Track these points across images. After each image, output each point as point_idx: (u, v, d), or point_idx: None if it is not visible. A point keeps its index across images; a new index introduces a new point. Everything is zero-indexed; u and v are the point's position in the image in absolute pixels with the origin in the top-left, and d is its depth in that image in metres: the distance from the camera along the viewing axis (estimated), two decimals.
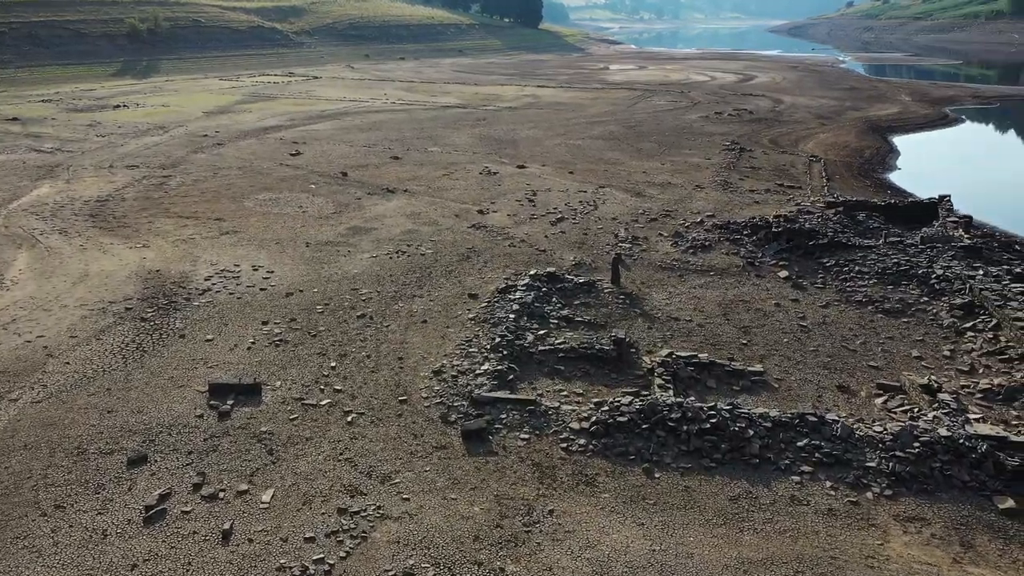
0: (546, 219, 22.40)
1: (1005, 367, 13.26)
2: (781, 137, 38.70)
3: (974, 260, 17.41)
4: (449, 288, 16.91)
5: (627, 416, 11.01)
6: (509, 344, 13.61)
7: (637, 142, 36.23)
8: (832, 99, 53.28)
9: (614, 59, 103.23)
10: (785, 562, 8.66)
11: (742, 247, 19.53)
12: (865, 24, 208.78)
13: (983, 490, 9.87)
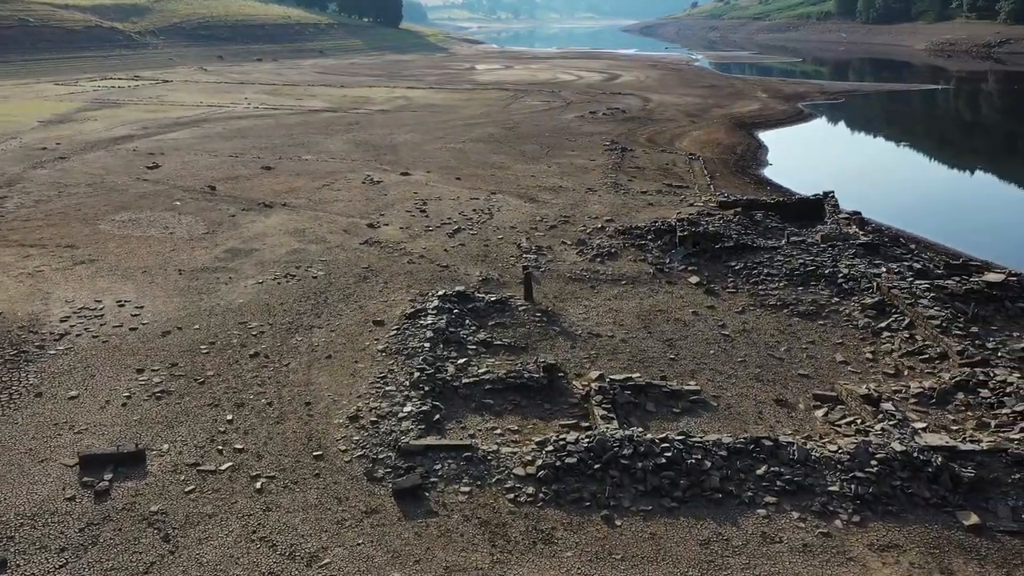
0: (442, 231, 21.15)
1: (928, 367, 13.28)
2: (657, 135, 39.14)
3: (874, 257, 17.67)
4: (350, 315, 15.38)
5: (576, 456, 10.02)
6: (430, 378, 12.34)
7: (519, 144, 35.53)
8: (697, 97, 54.79)
9: (479, 59, 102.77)
10: None
11: (649, 253, 19.06)
12: (710, 24, 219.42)
13: (945, 506, 9.56)
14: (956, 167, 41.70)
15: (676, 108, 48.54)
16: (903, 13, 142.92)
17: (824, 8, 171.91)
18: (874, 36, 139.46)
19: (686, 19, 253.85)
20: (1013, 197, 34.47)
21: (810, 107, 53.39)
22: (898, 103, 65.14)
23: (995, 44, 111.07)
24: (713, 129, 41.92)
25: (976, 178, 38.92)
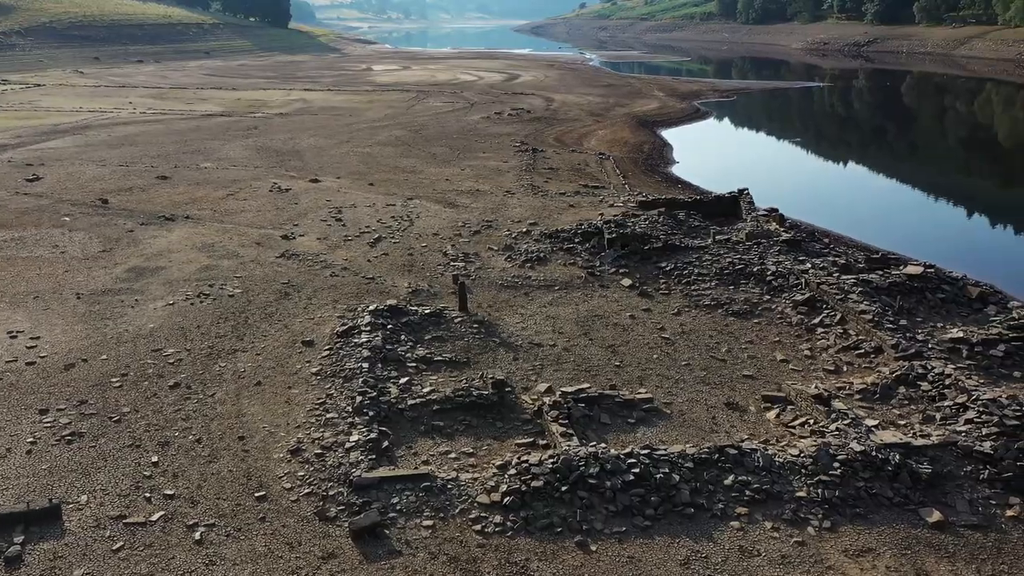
0: (362, 240, 20.27)
1: (865, 362, 13.53)
2: (565, 135, 39.21)
3: (798, 253, 18.01)
4: (275, 336, 14.39)
5: (541, 479, 9.55)
6: (373, 402, 11.60)
7: (428, 147, 34.80)
8: (598, 96, 55.39)
9: (375, 59, 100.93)
10: None
11: (578, 257, 18.81)
12: (599, 24, 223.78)
13: (908, 504, 9.63)
14: (848, 162, 43.70)
15: (579, 108, 48.85)
16: (779, 14, 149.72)
17: (706, 9, 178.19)
18: (754, 36, 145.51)
19: (575, 19, 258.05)
20: (904, 190, 36.29)
21: (706, 105, 54.87)
22: (786, 100, 68.00)
23: (864, 43, 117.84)
24: (618, 128, 42.36)
25: (867, 172, 40.86)
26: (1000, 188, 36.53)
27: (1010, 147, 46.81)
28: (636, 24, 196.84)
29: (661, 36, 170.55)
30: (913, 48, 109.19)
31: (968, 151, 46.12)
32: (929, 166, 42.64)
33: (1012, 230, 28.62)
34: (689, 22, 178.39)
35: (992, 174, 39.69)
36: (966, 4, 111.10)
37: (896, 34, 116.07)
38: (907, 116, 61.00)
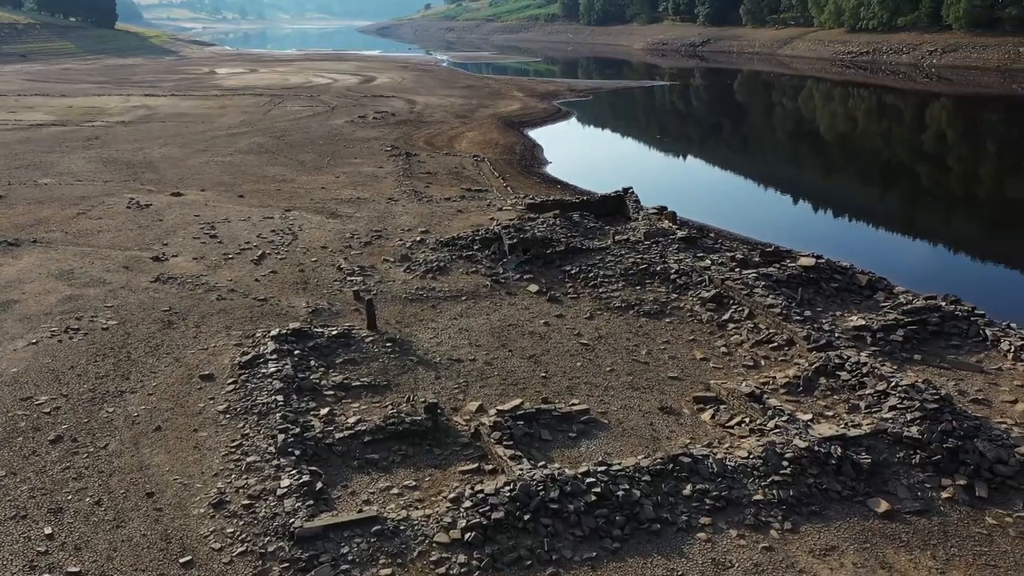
0: (244, 258, 18.79)
1: (780, 356, 13.85)
2: (434, 138, 38.55)
3: (696, 250, 18.34)
4: (167, 371, 12.93)
5: (501, 510, 8.97)
6: (297, 439, 10.58)
7: (294, 154, 33.13)
8: (459, 98, 55.00)
9: (217, 62, 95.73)
10: None
11: (480, 264, 18.29)
12: (446, 25, 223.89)
13: (856, 496, 9.83)
14: (701, 157, 45.71)
15: (444, 110, 48.26)
16: (619, 16, 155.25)
17: (550, 11, 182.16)
18: (597, 37, 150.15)
19: (422, 20, 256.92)
20: (756, 181, 38.24)
21: (565, 105, 55.75)
22: (638, 98, 70.46)
23: (699, 44, 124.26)
24: (486, 129, 42.15)
25: (717, 164, 42.76)
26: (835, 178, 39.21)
27: (832, 139, 50.37)
28: (483, 25, 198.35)
29: (508, 37, 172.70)
30: (743, 48, 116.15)
31: (801, 143, 49.22)
32: (776, 160, 45.28)
33: (843, 213, 30.69)
34: (534, 23, 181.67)
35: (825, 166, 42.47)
36: (786, 7, 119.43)
37: (727, 35, 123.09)
38: (748, 112, 64.64)
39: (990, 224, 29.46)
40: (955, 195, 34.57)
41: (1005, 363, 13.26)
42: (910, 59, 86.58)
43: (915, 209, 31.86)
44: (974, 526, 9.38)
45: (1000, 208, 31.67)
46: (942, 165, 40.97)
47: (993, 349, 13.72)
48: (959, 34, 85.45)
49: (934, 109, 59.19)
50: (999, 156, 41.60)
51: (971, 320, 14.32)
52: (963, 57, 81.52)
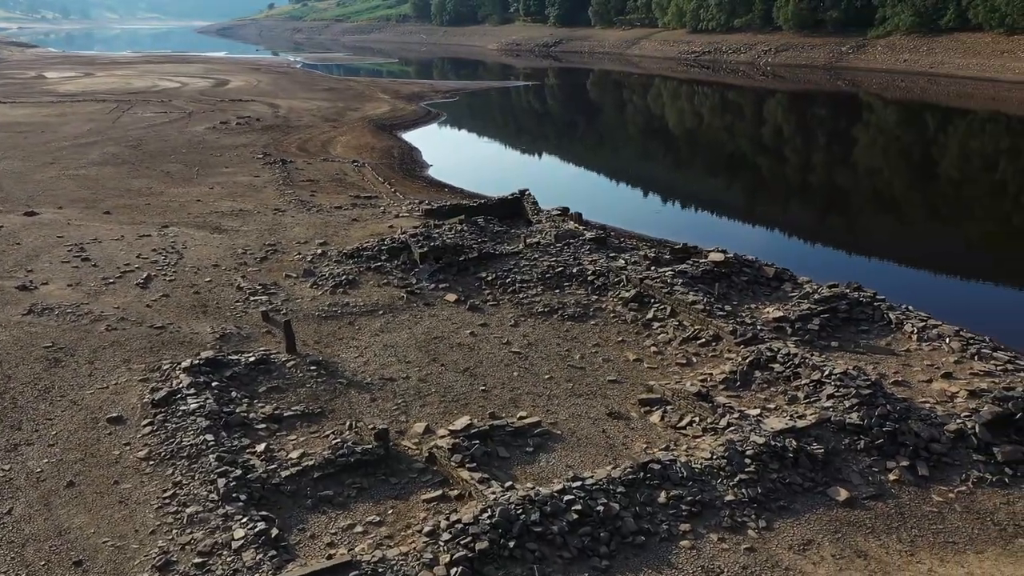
0: (127, 282, 17.13)
1: (710, 351, 14.11)
2: (306, 143, 37.08)
3: (607, 251, 18.45)
4: (66, 417, 11.49)
5: (485, 539, 8.51)
6: (240, 482, 9.63)
7: (157, 164, 30.81)
8: (324, 101, 53.23)
9: (45, 65, 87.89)
10: None
11: (391, 275, 17.57)
12: (293, 26, 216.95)
13: (816, 487, 10.09)
14: (574, 156, 46.51)
15: (311, 114, 46.50)
16: (471, 16, 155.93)
17: (401, 11, 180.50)
18: (451, 37, 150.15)
19: (266, 20, 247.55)
20: (632, 180, 39.29)
21: (433, 106, 55.16)
22: (503, 99, 70.88)
23: (551, 44, 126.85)
24: (358, 133, 40.97)
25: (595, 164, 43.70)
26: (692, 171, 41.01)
27: (681, 134, 52.71)
28: (332, 26, 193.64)
29: (360, 38, 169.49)
30: (594, 48, 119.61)
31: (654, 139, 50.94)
32: (636, 155, 46.61)
33: (697, 203, 32.27)
34: (386, 24, 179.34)
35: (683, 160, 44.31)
36: (631, 9, 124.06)
37: (577, 35, 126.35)
38: (606, 111, 66.22)
39: (823, 207, 31.79)
40: (792, 183, 36.97)
41: (911, 344, 14.11)
42: (748, 58, 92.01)
43: (758, 196, 34.03)
44: (925, 505, 9.85)
45: (829, 195, 34.00)
46: (780, 156, 43.75)
47: (898, 331, 14.58)
48: (789, 35, 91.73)
49: (771, 105, 63.20)
50: (828, 147, 44.93)
51: (875, 305, 15.17)
52: (794, 56, 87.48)
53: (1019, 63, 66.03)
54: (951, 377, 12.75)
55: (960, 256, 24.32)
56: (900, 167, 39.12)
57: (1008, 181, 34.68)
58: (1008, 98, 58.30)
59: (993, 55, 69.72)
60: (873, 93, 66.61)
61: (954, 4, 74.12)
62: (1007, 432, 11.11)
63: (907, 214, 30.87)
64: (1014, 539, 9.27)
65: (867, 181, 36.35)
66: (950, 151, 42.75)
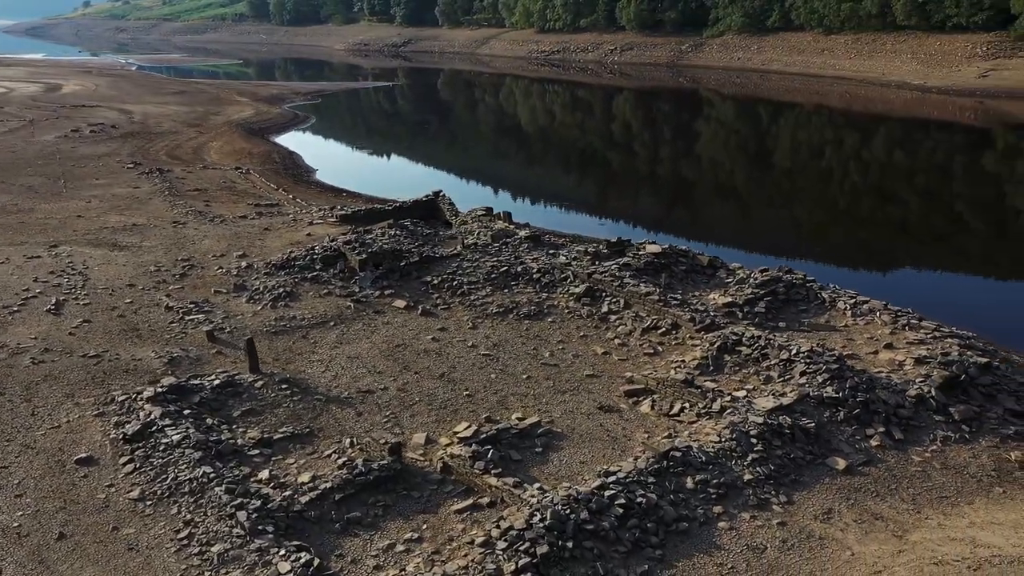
0: (34, 308, 15.47)
1: (673, 339, 14.59)
2: (175, 150, 34.89)
3: (545, 248, 18.61)
4: (25, 463, 10.26)
5: (544, 543, 8.44)
6: (262, 513, 9.00)
7: (12, 178, 28.01)
8: (178, 105, 50.16)
9: None
10: None
11: (330, 285, 16.90)
12: (115, 25, 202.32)
13: (817, 460, 10.73)
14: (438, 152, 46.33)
15: (169, 119, 43.65)
16: (314, 16, 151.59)
17: (237, 10, 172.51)
18: (294, 37, 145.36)
19: (83, 19, 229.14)
20: (507, 177, 39.49)
21: (299, 109, 53.31)
22: (366, 99, 69.48)
23: (400, 44, 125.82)
24: (228, 138, 38.95)
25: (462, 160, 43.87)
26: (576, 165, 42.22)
27: (534, 131, 53.82)
28: (160, 25, 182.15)
29: (193, 38, 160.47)
30: (444, 48, 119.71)
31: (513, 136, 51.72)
32: (504, 153, 47.16)
33: (556, 194, 33.32)
34: (221, 23, 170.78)
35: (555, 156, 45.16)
36: (478, 9, 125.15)
37: (426, 35, 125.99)
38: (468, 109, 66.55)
39: (671, 197, 33.62)
40: (641, 175, 38.56)
41: (847, 320, 15.23)
42: (595, 57, 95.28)
43: (609, 189, 35.34)
44: (910, 466, 10.72)
45: (675, 185, 35.94)
46: (629, 150, 45.65)
47: (832, 309, 15.70)
48: (632, 34, 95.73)
49: (619, 102, 65.96)
50: (673, 141, 47.43)
51: (807, 286, 16.25)
52: (639, 55, 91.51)
53: (837, 60, 72.29)
54: (893, 348, 13.89)
55: (790, 235, 26.58)
56: (739, 158, 41.80)
57: (833, 168, 37.89)
58: (830, 92, 63.73)
59: (815, 53, 75.96)
60: (712, 89, 70.87)
61: (779, 5, 79.98)
62: (956, 393, 12.29)
63: (747, 199, 33.07)
64: (991, 488, 10.28)
65: (710, 171, 38.75)
66: (782, 142, 46.21)
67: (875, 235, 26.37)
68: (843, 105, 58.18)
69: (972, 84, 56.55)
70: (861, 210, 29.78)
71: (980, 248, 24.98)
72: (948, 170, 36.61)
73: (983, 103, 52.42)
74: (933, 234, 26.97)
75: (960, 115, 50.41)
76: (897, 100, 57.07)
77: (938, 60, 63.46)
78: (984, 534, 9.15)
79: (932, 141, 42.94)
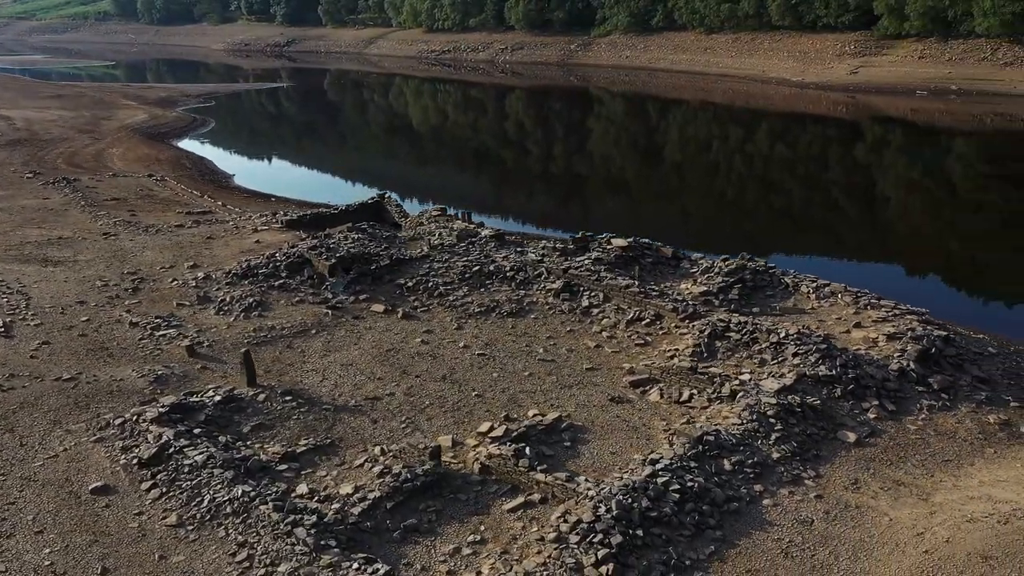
0: None
1: (659, 329, 14.98)
2: (73, 158, 32.82)
3: (512, 246, 18.66)
4: (30, 498, 9.44)
5: (616, 533, 8.56)
6: (320, 528, 8.68)
7: None
8: (61, 109, 47.01)
9: None
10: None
11: (300, 292, 16.37)
12: None
13: (828, 434, 11.33)
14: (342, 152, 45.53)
15: (57, 124, 40.82)
16: (186, 15, 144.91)
17: (99, 8, 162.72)
18: (167, 37, 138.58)
19: None
20: (407, 177, 39.16)
21: (192, 112, 51.00)
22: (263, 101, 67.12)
23: (284, 44, 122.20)
24: (130, 144, 36.85)
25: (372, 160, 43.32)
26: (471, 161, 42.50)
27: (425, 130, 53.58)
28: (13, 24, 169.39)
29: (53, 38, 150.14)
30: (330, 48, 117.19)
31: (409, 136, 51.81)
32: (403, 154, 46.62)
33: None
34: (83, 23, 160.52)
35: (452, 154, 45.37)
36: (363, 8, 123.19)
37: (311, 35, 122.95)
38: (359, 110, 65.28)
39: (565, 192, 34.14)
40: (534, 171, 39.04)
41: (813, 303, 16.11)
42: (487, 56, 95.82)
43: (503, 186, 35.95)
44: (908, 434, 11.49)
45: (569, 181, 36.64)
46: (523, 148, 46.10)
47: (796, 293, 16.54)
48: (521, 34, 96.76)
49: (512, 100, 66.69)
50: (566, 138, 48.37)
51: (771, 273, 17.04)
52: (530, 54, 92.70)
53: (720, 58, 75.68)
54: (862, 326, 14.81)
55: (679, 225, 28.06)
56: (630, 153, 43.14)
57: (720, 161, 39.81)
58: (714, 89, 66.67)
59: (699, 52, 79.22)
60: (601, 87, 72.71)
61: (662, 6, 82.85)
62: (929, 365, 13.25)
63: (637, 193, 34.25)
64: (983, 450, 11.18)
65: (602, 166, 39.74)
66: (671, 137, 48.04)
67: (760, 222, 27.83)
68: (727, 101, 60.94)
69: (844, 80, 60.58)
70: (746, 200, 31.43)
71: (853, 232, 26.66)
72: (824, 161, 39.11)
73: (854, 98, 56.14)
74: (811, 220, 28.74)
75: (834, 109, 53.83)
76: (777, 96, 60.28)
77: (812, 58, 67.54)
78: (997, 491, 9.96)
79: (809, 134, 45.69)
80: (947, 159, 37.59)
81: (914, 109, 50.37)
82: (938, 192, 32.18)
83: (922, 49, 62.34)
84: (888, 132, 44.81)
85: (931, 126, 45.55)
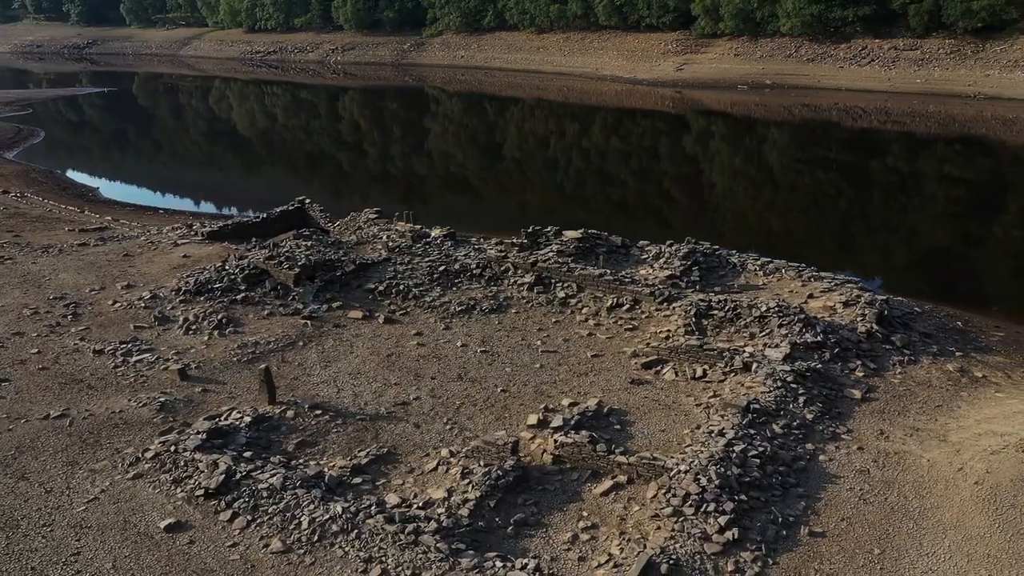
0: None
1: (641, 313, 15.55)
2: None
3: (472, 245, 18.59)
4: (93, 547, 8.46)
5: (727, 501, 9.04)
6: (443, 533, 8.47)
7: None
8: None
9: None
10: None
11: (267, 304, 15.47)
12: None
13: (840, 393, 12.41)
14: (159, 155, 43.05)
15: None
16: None
17: None
18: None
19: None
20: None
21: (12, 121, 45.92)
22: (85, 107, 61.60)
23: (84, 45, 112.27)
24: None
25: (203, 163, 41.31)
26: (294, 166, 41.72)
27: (253, 135, 51.92)
28: None
29: None
30: (139, 50, 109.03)
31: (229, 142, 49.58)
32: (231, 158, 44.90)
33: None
34: None
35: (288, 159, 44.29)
36: (173, 7, 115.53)
37: (115, 36, 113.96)
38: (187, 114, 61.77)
39: (404, 191, 34.41)
40: (372, 172, 39.26)
41: (762, 279, 17.39)
42: (317, 56, 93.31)
43: (341, 188, 35.64)
44: (897, 387, 12.83)
45: (407, 180, 37.14)
46: (359, 149, 45.95)
47: (745, 271, 17.75)
48: (351, 34, 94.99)
49: (345, 101, 65.73)
50: (404, 138, 48.61)
51: (718, 255, 18.19)
52: (362, 54, 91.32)
53: (553, 57, 78.42)
54: (815, 296, 16.22)
55: (517, 216, 28.45)
56: (470, 150, 44.07)
57: (558, 156, 41.67)
58: (549, 87, 69.04)
59: (532, 51, 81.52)
60: (437, 87, 73.20)
61: (492, 6, 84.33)
62: (885, 325, 14.83)
63: (479, 187, 35.44)
64: (958, 394, 12.71)
65: (441, 163, 40.48)
66: (509, 133, 49.53)
67: (600, 211, 29.42)
68: (561, 98, 63.36)
69: (672, 77, 64.88)
70: (586, 190, 33.21)
71: (681, 215, 29.08)
72: (655, 151, 41.97)
73: (680, 93, 60.27)
74: (645, 206, 31.01)
75: (662, 104, 57.57)
76: (609, 92, 63.45)
77: (639, 56, 71.59)
78: (996, 426, 11.42)
79: (640, 127, 48.69)
80: (763, 146, 41.44)
81: (734, 103, 54.88)
82: (757, 176, 35.49)
83: (736, 47, 67.86)
84: (711, 123, 48.58)
85: (748, 117, 49.97)
